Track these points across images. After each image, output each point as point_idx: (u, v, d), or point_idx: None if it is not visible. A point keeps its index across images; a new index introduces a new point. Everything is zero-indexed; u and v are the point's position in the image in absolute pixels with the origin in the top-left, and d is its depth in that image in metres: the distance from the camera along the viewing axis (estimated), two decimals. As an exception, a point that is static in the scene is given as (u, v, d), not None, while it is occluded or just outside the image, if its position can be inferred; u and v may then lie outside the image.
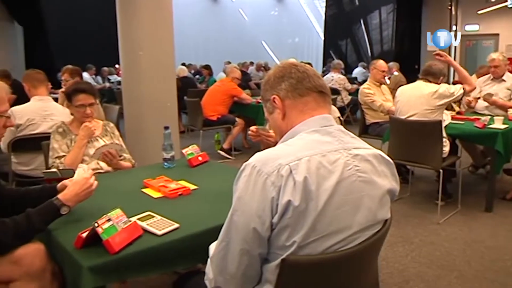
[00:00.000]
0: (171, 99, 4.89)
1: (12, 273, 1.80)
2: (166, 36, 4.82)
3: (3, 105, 1.86)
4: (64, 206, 1.85)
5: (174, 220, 1.90)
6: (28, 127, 3.75)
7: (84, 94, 2.99)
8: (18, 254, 1.79)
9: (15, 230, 1.74)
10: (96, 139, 3.04)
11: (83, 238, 1.67)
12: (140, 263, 1.72)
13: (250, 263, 1.37)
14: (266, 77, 1.60)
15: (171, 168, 2.82)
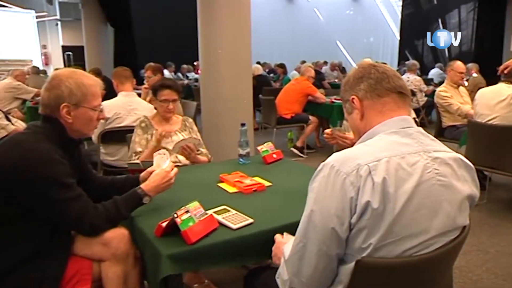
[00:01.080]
0: (247, 97, 4.94)
1: (103, 254, 1.90)
2: (244, 35, 4.87)
3: (97, 100, 1.95)
4: (146, 196, 1.95)
5: (248, 215, 1.91)
6: (115, 120, 3.93)
7: (169, 90, 3.10)
8: (107, 237, 1.89)
9: (105, 215, 1.85)
10: (175, 134, 3.12)
11: (163, 227, 1.73)
12: (214, 255, 1.75)
13: (327, 264, 1.35)
14: (346, 77, 1.58)
15: (246, 164, 2.84)
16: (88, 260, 1.92)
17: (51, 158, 1.76)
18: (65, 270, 1.85)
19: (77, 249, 1.94)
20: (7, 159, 1.74)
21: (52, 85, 1.87)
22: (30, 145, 1.76)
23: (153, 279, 1.73)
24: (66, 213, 1.78)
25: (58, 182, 1.75)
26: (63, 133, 1.90)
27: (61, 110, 1.86)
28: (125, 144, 3.48)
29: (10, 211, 1.76)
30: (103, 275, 1.92)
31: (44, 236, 1.83)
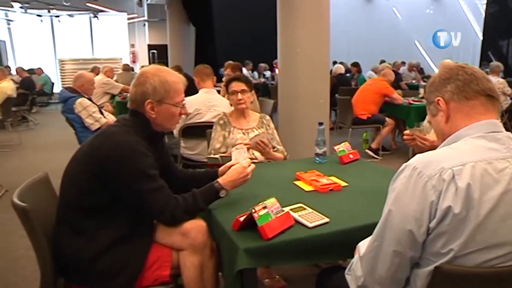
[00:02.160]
0: (324, 96, 4.87)
1: (182, 243, 1.95)
2: (323, 35, 4.81)
3: (180, 96, 2.00)
4: (222, 190, 1.97)
5: (324, 214, 1.87)
6: (195, 116, 4.02)
7: (236, 82, 3.14)
8: (186, 228, 1.94)
9: (184, 207, 1.90)
10: (252, 130, 3.13)
11: (240, 221, 1.73)
12: (289, 252, 1.73)
13: (400, 265, 1.30)
14: (432, 78, 1.51)
15: (322, 163, 2.80)
16: (168, 249, 1.98)
17: (138, 151, 1.82)
18: (148, 256, 1.92)
19: (158, 238, 2.00)
20: (101, 150, 1.83)
21: (139, 82, 1.94)
22: (120, 137, 1.84)
23: (229, 271, 1.74)
24: (150, 203, 1.84)
25: (143, 173, 1.81)
26: (148, 127, 1.97)
27: (146, 106, 1.93)
28: (205, 139, 3.55)
29: (102, 199, 1.85)
30: (181, 264, 1.96)
31: (130, 223, 1.90)
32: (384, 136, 6.52)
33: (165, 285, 1.96)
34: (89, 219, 1.86)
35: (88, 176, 1.84)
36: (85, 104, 4.65)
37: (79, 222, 1.87)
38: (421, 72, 12.64)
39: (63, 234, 1.87)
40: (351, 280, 1.44)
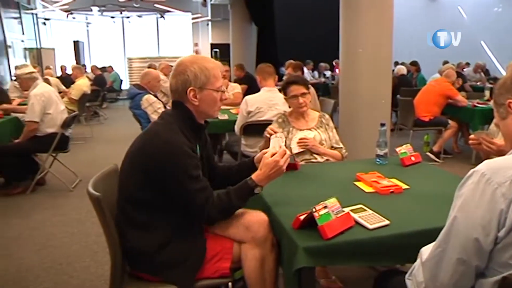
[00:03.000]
0: (385, 97, 4.77)
1: (244, 236, 1.97)
2: (386, 34, 4.70)
3: (219, 81, 1.99)
4: (257, 186, 1.94)
5: (384, 216, 1.83)
6: (256, 114, 4.05)
7: (295, 85, 3.07)
8: (249, 221, 1.96)
9: (219, 206, 1.89)
10: (311, 130, 3.10)
11: (300, 220, 1.72)
12: (348, 253, 1.71)
13: (464, 274, 1.24)
14: (502, 80, 1.44)
15: (383, 164, 2.73)
16: (230, 241, 1.99)
17: (183, 151, 1.83)
18: (206, 247, 1.94)
19: (221, 230, 2.02)
20: (149, 148, 1.87)
21: (178, 71, 1.95)
22: (167, 136, 1.85)
23: (288, 268, 1.74)
24: (191, 203, 1.86)
25: (187, 174, 1.83)
26: (191, 119, 1.97)
27: (188, 94, 1.92)
28: (265, 137, 3.56)
29: (154, 194, 1.87)
30: (242, 256, 1.97)
31: (179, 215, 1.92)
32: (446, 139, 6.25)
33: (224, 278, 1.98)
34: (143, 213, 1.90)
35: (138, 172, 1.88)
36: (151, 100, 4.81)
37: (135, 216, 1.91)
38: (487, 74, 12.05)
39: (123, 227, 1.92)
40: (412, 286, 1.39)
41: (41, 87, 4.90)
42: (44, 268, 3.17)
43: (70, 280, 2.99)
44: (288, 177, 2.49)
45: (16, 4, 13.37)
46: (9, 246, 3.57)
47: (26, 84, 4.90)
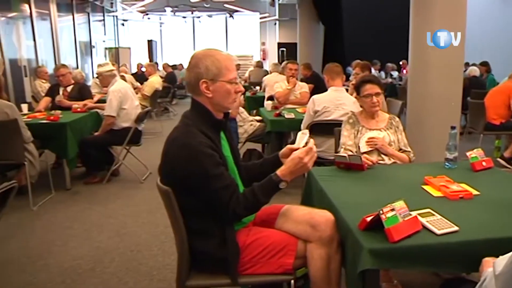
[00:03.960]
0: (455, 99, 4.57)
1: (310, 235, 1.96)
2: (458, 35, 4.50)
3: (232, 73, 1.97)
4: (282, 182, 1.91)
5: (453, 222, 1.76)
6: (323, 113, 4.03)
7: (370, 84, 3.02)
8: (316, 220, 1.95)
9: (244, 203, 1.88)
10: (380, 131, 3.03)
11: (367, 221, 1.70)
12: (413, 257, 1.67)
13: None
14: None
15: (452, 169, 2.62)
16: (295, 238, 1.99)
17: (201, 152, 1.83)
18: (239, 243, 1.94)
19: (287, 227, 2.04)
20: (169, 155, 1.91)
21: (192, 64, 1.96)
22: (183, 140, 1.87)
23: (352, 269, 1.72)
24: (216, 201, 1.86)
25: (207, 174, 1.83)
26: (209, 116, 1.98)
27: (201, 86, 1.93)
28: (331, 137, 3.52)
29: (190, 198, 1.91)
30: (308, 255, 1.97)
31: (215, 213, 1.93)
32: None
33: (287, 275, 1.97)
34: (197, 213, 1.94)
35: (168, 179, 1.93)
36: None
37: (194, 214, 1.94)
38: None
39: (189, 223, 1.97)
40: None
41: (118, 83, 5.15)
42: (118, 253, 3.35)
43: (139, 267, 3.13)
44: (354, 178, 2.48)
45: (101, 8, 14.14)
46: (90, 231, 3.80)
47: (106, 81, 5.17)
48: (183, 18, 17.26)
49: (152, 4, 14.42)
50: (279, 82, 6.24)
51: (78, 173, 5.41)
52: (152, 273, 3.03)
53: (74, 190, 4.93)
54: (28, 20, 9.34)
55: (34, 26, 9.47)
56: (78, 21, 12.24)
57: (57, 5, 10.57)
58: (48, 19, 10.29)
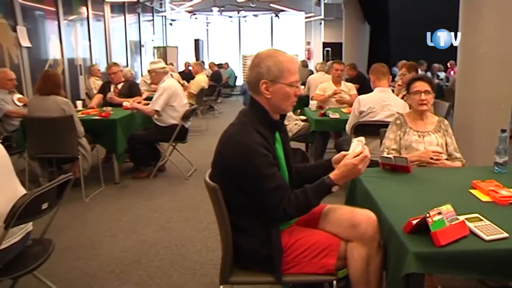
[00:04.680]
0: (506, 101, 4.38)
1: (351, 234, 1.94)
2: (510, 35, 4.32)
3: (294, 76, 1.96)
4: (334, 185, 1.89)
5: (502, 229, 1.70)
6: (368, 114, 3.97)
7: (420, 81, 2.96)
8: (357, 220, 1.93)
9: (295, 204, 1.87)
10: (428, 134, 2.95)
11: (413, 224, 1.66)
12: (460, 263, 1.62)
13: None
14: None
15: (502, 173, 2.52)
16: (338, 239, 1.98)
17: (255, 151, 1.83)
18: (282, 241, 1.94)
19: (329, 227, 2.02)
20: (224, 151, 1.92)
21: (254, 64, 1.95)
22: (239, 138, 1.88)
23: (394, 272, 1.69)
24: (266, 201, 1.86)
25: (260, 173, 1.83)
26: (266, 116, 1.97)
27: (261, 86, 1.92)
28: (376, 138, 3.46)
29: (239, 195, 1.92)
30: (348, 255, 1.95)
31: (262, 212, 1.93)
32: None
33: (329, 275, 1.96)
34: (243, 211, 1.95)
35: (220, 175, 1.94)
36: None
37: (239, 213, 1.96)
38: None
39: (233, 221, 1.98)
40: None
41: (169, 81, 5.26)
42: (162, 247, 3.43)
43: (183, 261, 3.19)
44: (400, 180, 2.43)
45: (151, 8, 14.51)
46: (137, 224, 3.92)
47: (158, 78, 5.27)
48: (229, 17, 17.41)
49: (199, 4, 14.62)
50: (324, 82, 6.20)
51: (126, 168, 5.57)
52: (195, 268, 3.08)
53: (123, 184, 5.09)
54: (85, 22, 9.70)
55: (90, 27, 9.82)
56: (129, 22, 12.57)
57: (110, 6, 10.91)
58: (102, 20, 10.64)
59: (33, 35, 7.31)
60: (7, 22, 6.65)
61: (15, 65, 6.69)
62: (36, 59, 7.39)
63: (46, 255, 2.22)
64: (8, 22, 6.68)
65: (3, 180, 2.10)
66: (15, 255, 2.13)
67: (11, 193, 2.06)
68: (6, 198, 1.99)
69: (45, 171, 4.62)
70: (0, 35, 6.46)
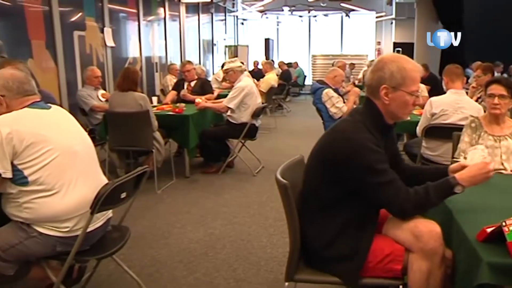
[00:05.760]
0: None
1: (412, 244, 1.85)
2: None
3: (415, 85, 1.89)
4: (458, 185, 1.79)
5: None
6: (441, 116, 3.80)
7: (496, 85, 2.81)
8: (419, 230, 1.82)
9: (414, 200, 1.80)
10: (505, 138, 2.79)
11: (487, 232, 1.57)
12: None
13: None
14: None
15: None
16: (400, 246, 1.90)
17: (367, 147, 1.80)
18: (376, 246, 1.89)
19: (390, 232, 1.95)
20: (334, 144, 1.89)
21: (377, 67, 1.90)
22: (351, 134, 1.85)
23: (464, 281, 1.62)
24: (379, 195, 1.82)
25: (371, 168, 1.79)
26: (380, 119, 1.92)
27: (381, 91, 1.87)
28: (448, 141, 3.32)
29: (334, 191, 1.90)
30: (408, 265, 1.86)
31: (358, 214, 1.91)
32: None
33: (397, 279, 1.91)
34: (323, 208, 1.94)
35: (324, 167, 1.91)
36: (330, 94, 4.89)
37: (314, 211, 1.96)
38: None
39: (303, 217, 1.97)
40: None
41: (245, 80, 5.35)
42: (229, 241, 3.49)
43: (248, 256, 3.22)
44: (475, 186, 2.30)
45: (224, 8, 14.81)
46: (205, 217, 4.02)
47: (236, 76, 5.37)
48: (300, 17, 17.36)
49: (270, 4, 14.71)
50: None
51: (196, 162, 5.72)
52: (260, 263, 3.11)
53: (193, 178, 5.23)
54: (162, 22, 10.08)
55: (166, 27, 10.19)
56: (203, 21, 12.89)
57: (186, 7, 11.25)
58: (177, 20, 10.99)
59: (116, 36, 7.71)
60: (97, 25, 7.09)
61: (100, 63, 7.11)
62: (117, 58, 7.79)
63: (124, 241, 2.34)
64: (98, 25, 7.12)
65: (91, 169, 2.26)
66: (98, 238, 2.28)
67: (97, 181, 2.20)
68: (93, 185, 2.13)
69: (122, 162, 4.87)
70: (91, 36, 6.89)
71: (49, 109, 2.22)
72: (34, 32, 5.60)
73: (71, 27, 6.43)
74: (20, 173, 2.01)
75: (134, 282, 2.57)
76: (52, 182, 2.05)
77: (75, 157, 2.15)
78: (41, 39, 5.72)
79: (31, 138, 2.01)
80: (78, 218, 2.11)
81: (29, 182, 2.02)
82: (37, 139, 2.03)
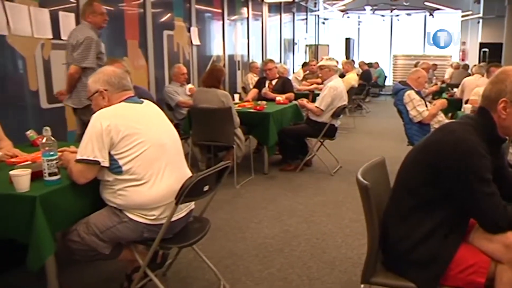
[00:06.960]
0: None
1: (502, 255, 1.73)
2: None
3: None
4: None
5: None
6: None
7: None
8: (511, 240, 1.70)
9: (510, 218, 1.69)
10: None
11: None
12: None
13: None
14: None
15: None
16: (487, 257, 1.78)
17: (477, 151, 1.69)
18: (459, 255, 1.77)
19: (476, 242, 1.83)
20: (440, 144, 1.77)
21: (499, 79, 1.77)
22: (462, 135, 1.73)
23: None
24: (477, 205, 1.71)
25: (478, 174, 1.68)
26: (492, 130, 1.79)
27: (499, 105, 1.74)
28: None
29: (432, 191, 1.79)
30: (496, 277, 1.74)
31: (447, 220, 1.80)
32: None
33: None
34: (415, 209, 1.84)
35: (424, 167, 1.81)
36: (412, 96, 4.67)
37: (406, 209, 1.86)
38: None
39: (390, 218, 1.90)
40: None
41: (337, 81, 5.31)
42: (304, 238, 3.46)
43: (322, 255, 3.17)
44: None
45: (305, 8, 14.74)
46: (281, 214, 4.01)
47: (330, 74, 5.35)
48: (382, 16, 16.82)
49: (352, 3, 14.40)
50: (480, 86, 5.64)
51: (275, 159, 5.74)
52: (334, 263, 3.05)
53: (271, 175, 5.25)
54: (245, 21, 10.22)
55: (249, 26, 10.33)
56: (284, 20, 12.90)
57: (268, 7, 11.32)
58: (260, 19, 11.08)
59: (202, 34, 7.95)
60: (184, 25, 7.35)
61: (186, 60, 7.36)
62: (202, 56, 8.02)
63: (204, 232, 2.41)
64: (185, 25, 7.39)
65: (178, 161, 2.34)
66: (180, 228, 2.36)
67: (182, 174, 2.28)
68: (179, 177, 2.21)
69: (204, 157, 5.00)
70: (178, 35, 7.16)
71: (141, 104, 2.34)
72: (130, 33, 5.93)
73: (161, 27, 6.71)
74: (116, 163, 2.14)
75: (211, 272, 2.64)
76: (142, 173, 2.15)
77: (163, 149, 2.24)
78: (135, 39, 6.04)
79: (126, 131, 2.13)
80: (164, 208, 2.19)
81: (123, 171, 2.14)
82: (131, 132, 2.14)
